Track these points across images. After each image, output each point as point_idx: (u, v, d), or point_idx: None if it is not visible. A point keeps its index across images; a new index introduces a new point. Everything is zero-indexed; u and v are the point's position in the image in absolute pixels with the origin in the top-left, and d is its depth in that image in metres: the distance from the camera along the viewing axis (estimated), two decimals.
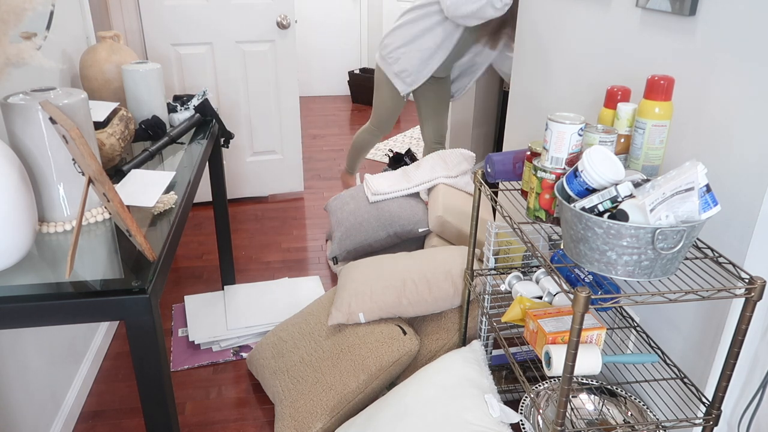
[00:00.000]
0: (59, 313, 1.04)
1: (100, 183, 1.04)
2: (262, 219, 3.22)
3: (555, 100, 2.10)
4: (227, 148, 2.34)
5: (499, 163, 1.56)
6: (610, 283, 1.47)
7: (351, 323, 1.87)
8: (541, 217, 1.36)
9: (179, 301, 2.45)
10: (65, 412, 1.76)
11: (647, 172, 1.30)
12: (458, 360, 1.65)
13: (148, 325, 1.07)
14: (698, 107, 1.37)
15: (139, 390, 1.13)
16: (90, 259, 1.15)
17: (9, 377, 1.49)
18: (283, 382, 1.81)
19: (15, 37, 1.16)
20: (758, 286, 1.08)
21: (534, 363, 1.82)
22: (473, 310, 1.89)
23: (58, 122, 1.07)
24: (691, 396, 1.44)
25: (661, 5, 1.45)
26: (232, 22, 3.03)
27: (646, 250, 1.06)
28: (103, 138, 1.52)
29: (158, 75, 1.87)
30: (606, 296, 1.06)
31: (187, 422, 1.83)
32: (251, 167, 3.37)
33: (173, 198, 1.40)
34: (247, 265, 2.74)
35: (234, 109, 3.21)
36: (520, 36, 2.33)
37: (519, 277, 1.64)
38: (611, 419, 1.58)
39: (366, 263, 2.03)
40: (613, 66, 1.72)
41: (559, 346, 1.28)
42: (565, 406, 1.12)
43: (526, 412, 1.55)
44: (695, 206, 1.05)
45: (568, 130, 1.27)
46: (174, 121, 1.99)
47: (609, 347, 1.72)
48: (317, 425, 1.66)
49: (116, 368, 2.06)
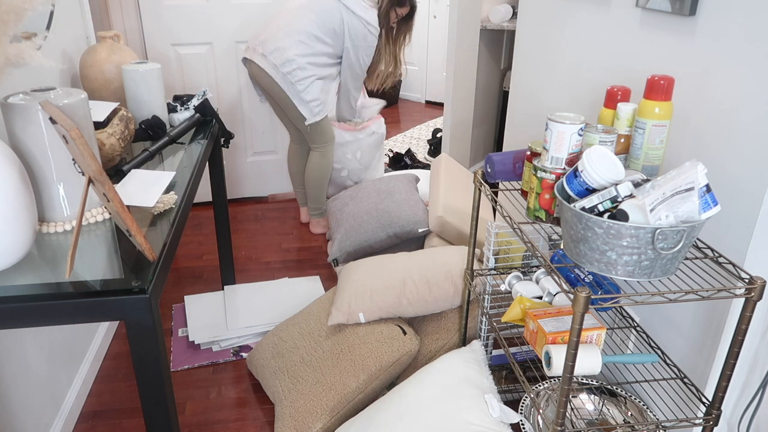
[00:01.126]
0: (59, 313, 1.04)
1: (100, 183, 1.04)
2: (262, 219, 3.22)
3: (555, 100, 2.10)
4: (227, 148, 2.34)
5: (499, 163, 1.56)
6: (610, 283, 1.47)
7: (351, 323, 1.87)
8: (541, 217, 1.36)
9: (179, 301, 2.45)
10: (65, 412, 1.76)
11: (647, 172, 1.30)
12: (458, 360, 1.65)
13: (148, 325, 1.07)
14: (698, 107, 1.37)
15: (139, 390, 1.13)
16: (90, 259, 1.15)
17: (9, 377, 1.49)
18: (283, 382, 1.81)
19: (15, 37, 1.16)
20: (758, 286, 1.08)
21: (534, 363, 1.82)
22: (473, 310, 1.89)
23: (58, 122, 1.07)
24: (691, 396, 1.44)
25: (661, 5, 1.45)
26: (232, 22, 3.03)
27: (646, 250, 1.06)
28: (103, 138, 1.52)
29: (158, 75, 1.87)
30: (606, 296, 1.06)
31: (187, 422, 1.83)
32: (251, 167, 3.37)
33: (173, 198, 1.40)
34: (247, 265, 2.74)
35: (234, 109, 3.21)
36: (520, 36, 2.33)
37: (519, 277, 1.64)
38: (611, 419, 1.58)
39: (366, 263, 2.03)
40: (613, 66, 1.72)
41: (559, 346, 1.28)
42: (565, 406, 1.12)
43: (526, 412, 1.55)
44: (695, 206, 1.05)
45: (568, 130, 1.27)
46: (174, 121, 1.99)
47: (609, 347, 1.72)
48: (317, 425, 1.66)
49: (116, 368, 2.06)
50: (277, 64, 2.58)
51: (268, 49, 2.60)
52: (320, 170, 2.87)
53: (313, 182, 2.90)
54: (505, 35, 3.55)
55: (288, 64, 2.58)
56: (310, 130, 2.76)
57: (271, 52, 2.59)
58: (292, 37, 2.58)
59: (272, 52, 2.59)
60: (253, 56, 2.65)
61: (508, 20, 3.32)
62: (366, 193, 2.64)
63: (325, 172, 2.89)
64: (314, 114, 2.69)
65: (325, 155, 2.86)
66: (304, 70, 2.61)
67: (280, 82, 2.61)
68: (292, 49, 2.58)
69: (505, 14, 3.28)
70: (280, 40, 2.59)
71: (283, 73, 2.59)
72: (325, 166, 2.87)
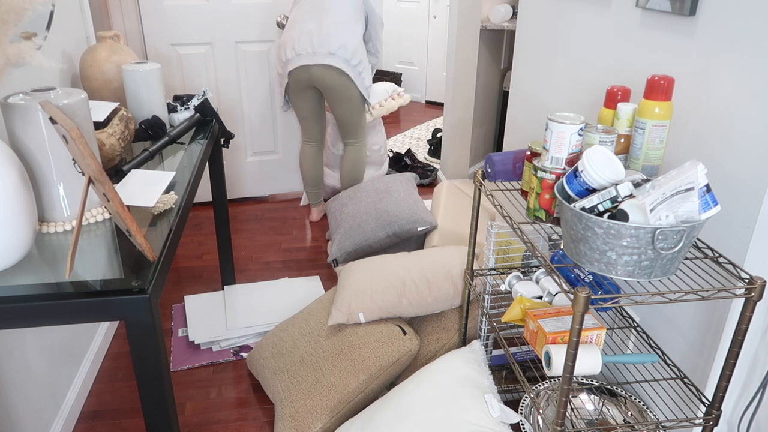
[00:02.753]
0: (59, 313, 1.04)
1: (100, 183, 1.04)
2: (262, 219, 3.22)
3: (555, 100, 2.10)
4: (227, 148, 2.34)
5: (499, 163, 1.56)
6: (610, 283, 1.47)
7: (351, 323, 1.87)
8: (541, 217, 1.36)
9: (179, 301, 2.45)
10: (65, 412, 1.76)
11: (647, 172, 1.30)
12: (458, 360, 1.65)
13: (148, 325, 1.07)
14: (698, 107, 1.37)
15: (139, 390, 1.13)
16: (90, 259, 1.15)
17: (9, 377, 1.49)
18: (283, 382, 1.81)
19: (15, 37, 1.16)
20: (758, 286, 1.08)
21: (534, 363, 1.82)
22: (473, 310, 1.89)
23: (58, 122, 1.07)
24: (691, 396, 1.44)
25: (661, 5, 1.45)
26: (232, 22, 3.03)
27: (646, 250, 1.06)
28: (103, 138, 1.52)
29: (158, 75, 1.87)
30: (606, 296, 1.06)
31: (187, 422, 1.83)
32: (251, 167, 3.37)
33: (173, 198, 1.40)
34: (247, 265, 2.74)
35: (234, 109, 3.21)
36: (520, 36, 2.33)
37: (519, 277, 1.64)
38: (611, 419, 1.58)
39: (366, 263, 2.03)
40: (613, 66, 1.72)
41: (559, 346, 1.28)
42: (565, 406, 1.12)
43: (526, 412, 1.55)
44: (695, 206, 1.05)
45: (568, 130, 1.27)
46: (174, 121, 1.99)
47: (609, 347, 1.72)
48: (317, 425, 1.66)
49: (116, 368, 2.06)
50: (348, 58, 2.63)
51: (333, 46, 2.60)
52: (358, 165, 2.96)
53: (348, 178, 2.97)
54: (505, 35, 3.55)
55: (355, 55, 2.65)
56: (357, 121, 2.83)
57: (338, 48, 2.61)
58: (345, 28, 2.63)
59: (338, 48, 2.61)
60: (316, 59, 2.61)
61: (508, 20, 3.32)
62: (365, 193, 2.64)
63: (363, 166, 2.98)
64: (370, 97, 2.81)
65: (361, 149, 2.94)
66: (363, 56, 2.69)
67: (352, 75, 2.67)
68: (352, 40, 2.64)
69: (505, 14, 3.28)
70: (341, 35, 2.62)
71: (353, 65, 2.65)
72: (362, 160, 2.96)
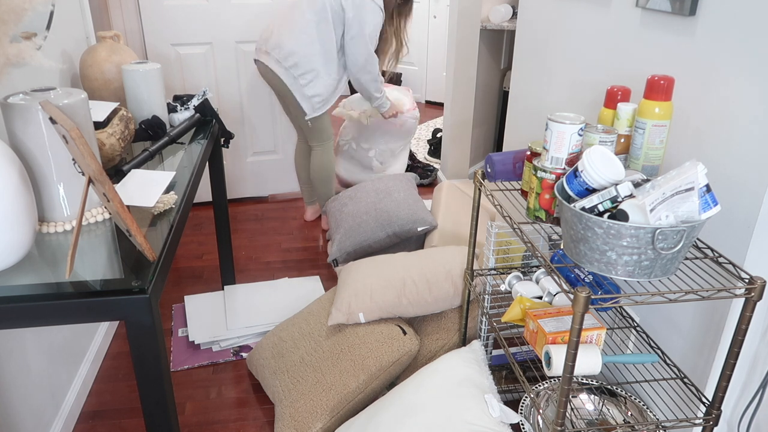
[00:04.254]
0: (59, 313, 1.04)
1: (100, 183, 1.04)
2: (262, 219, 3.22)
3: (555, 100, 2.10)
4: (227, 148, 2.34)
5: (499, 163, 1.56)
6: (610, 283, 1.47)
7: (351, 323, 1.87)
8: (541, 217, 1.36)
9: (179, 301, 2.45)
10: (65, 412, 1.76)
11: (647, 172, 1.30)
12: (458, 360, 1.65)
13: (148, 325, 1.07)
14: (698, 107, 1.37)
15: (139, 390, 1.13)
16: (90, 259, 1.15)
17: (9, 377, 1.49)
18: (283, 382, 1.81)
19: (15, 37, 1.16)
20: (758, 286, 1.08)
21: (534, 363, 1.82)
22: (473, 310, 1.89)
23: (58, 122, 1.07)
24: (691, 396, 1.44)
25: (661, 5, 1.45)
26: (232, 22, 3.03)
27: (646, 250, 1.06)
28: (103, 138, 1.52)
29: (158, 75, 1.87)
30: (606, 296, 1.06)
31: (187, 422, 1.83)
32: (251, 167, 3.37)
33: (173, 198, 1.40)
34: (247, 265, 2.74)
35: (234, 109, 3.21)
36: (520, 36, 2.33)
37: (519, 277, 1.64)
38: (611, 419, 1.58)
39: (366, 263, 2.03)
40: (613, 66, 1.72)
41: (559, 346, 1.28)
42: (565, 406, 1.12)
43: (526, 412, 1.55)
44: (695, 206, 1.05)
45: (568, 130, 1.27)
46: (174, 121, 1.99)
47: (609, 347, 1.72)
48: (317, 425, 1.66)
49: (116, 368, 2.06)
50: (280, 59, 2.61)
51: (270, 46, 2.63)
52: (323, 168, 2.88)
53: (318, 181, 2.91)
54: (505, 35, 3.55)
55: (289, 57, 2.60)
56: (310, 127, 2.77)
57: (274, 48, 2.62)
58: (290, 30, 2.60)
59: (274, 48, 2.62)
60: (260, 56, 2.68)
61: (508, 20, 3.32)
62: (365, 193, 2.64)
63: (329, 170, 2.89)
64: (315, 109, 2.71)
65: (325, 153, 2.86)
66: (307, 62, 2.62)
67: (283, 77, 2.63)
68: (291, 42, 2.59)
69: (505, 14, 3.28)
70: (280, 36, 2.61)
71: (286, 67, 2.62)
72: (326, 164, 2.88)
